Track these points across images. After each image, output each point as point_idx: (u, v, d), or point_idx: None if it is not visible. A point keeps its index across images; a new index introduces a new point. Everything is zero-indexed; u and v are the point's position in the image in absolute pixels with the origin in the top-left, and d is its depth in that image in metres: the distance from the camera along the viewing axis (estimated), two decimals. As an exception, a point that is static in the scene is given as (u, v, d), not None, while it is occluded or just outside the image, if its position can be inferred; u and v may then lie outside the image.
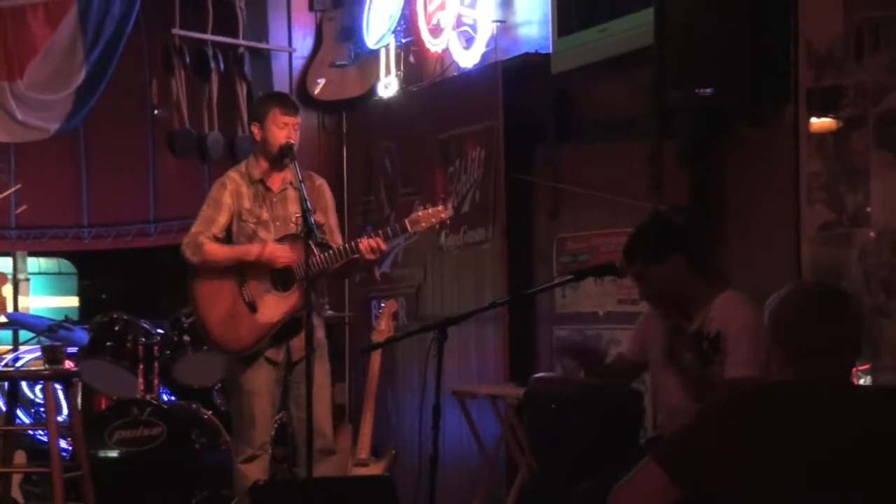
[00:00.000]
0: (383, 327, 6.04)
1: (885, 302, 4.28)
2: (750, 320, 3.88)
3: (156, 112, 8.34)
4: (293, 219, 5.14)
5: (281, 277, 5.16)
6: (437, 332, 3.96)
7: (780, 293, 2.87)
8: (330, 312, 6.78)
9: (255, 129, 5.24)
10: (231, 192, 5.22)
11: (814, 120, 4.69)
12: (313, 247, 4.91)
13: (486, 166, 6.85)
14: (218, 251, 5.16)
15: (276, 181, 5.23)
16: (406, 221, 5.09)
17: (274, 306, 5.13)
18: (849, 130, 4.51)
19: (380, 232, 5.11)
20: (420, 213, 5.10)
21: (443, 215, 5.13)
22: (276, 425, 6.53)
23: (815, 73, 4.65)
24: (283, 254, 5.09)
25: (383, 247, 5.02)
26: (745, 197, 5.24)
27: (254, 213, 5.20)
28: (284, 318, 5.11)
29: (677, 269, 4.07)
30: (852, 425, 2.65)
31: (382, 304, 6.24)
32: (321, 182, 5.37)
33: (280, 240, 5.15)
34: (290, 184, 5.18)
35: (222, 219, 5.22)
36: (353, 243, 5.01)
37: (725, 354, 3.94)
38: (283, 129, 5.16)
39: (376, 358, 6.07)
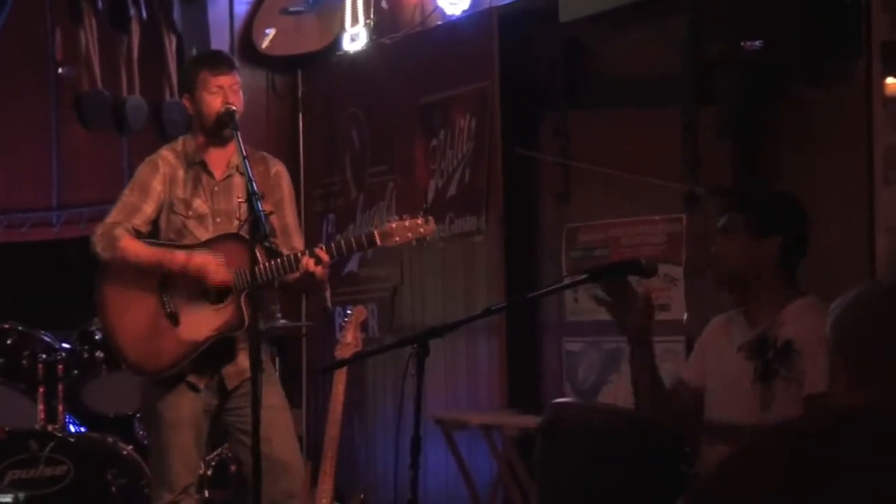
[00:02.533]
0: (350, 340, 6.02)
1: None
2: None
3: (60, 71, 8.31)
4: (238, 213, 5.12)
5: (215, 285, 5.15)
6: (416, 347, 3.95)
7: (848, 296, 2.86)
8: (282, 322, 6.77)
9: (187, 102, 5.23)
10: (164, 176, 5.18)
11: (891, 80, 4.71)
12: (258, 249, 4.87)
13: (477, 139, 6.86)
14: (137, 250, 5.12)
15: (218, 163, 5.20)
16: (376, 233, 5.07)
17: (202, 321, 5.10)
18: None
19: (343, 240, 5.08)
20: (394, 225, 5.10)
21: (422, 230, 5.12)
22: (213, 464, 6.55)
23: (893, 20, 4.67)
24: (215, 270, 5.06)
25: (325, 258, 5.01)
26: (804, 176, 5.27)
27: (188, 204, 5.17)
28: (213, 338, 5.08)
29: (771, 253, 4.13)
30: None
31: (349, 311, 6.22)
32: (279, 168, 5.33)
33: (214, 240, 5.13)
34: (237, 168, 5.16)
35: (148, 209, 5.18)
36: (293, 255, 4.99)
37: (799, 368, 3.98)
38: (218, 94, 5.14)
39: (341, 378, 6.05)
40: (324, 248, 5.00)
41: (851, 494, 2.53)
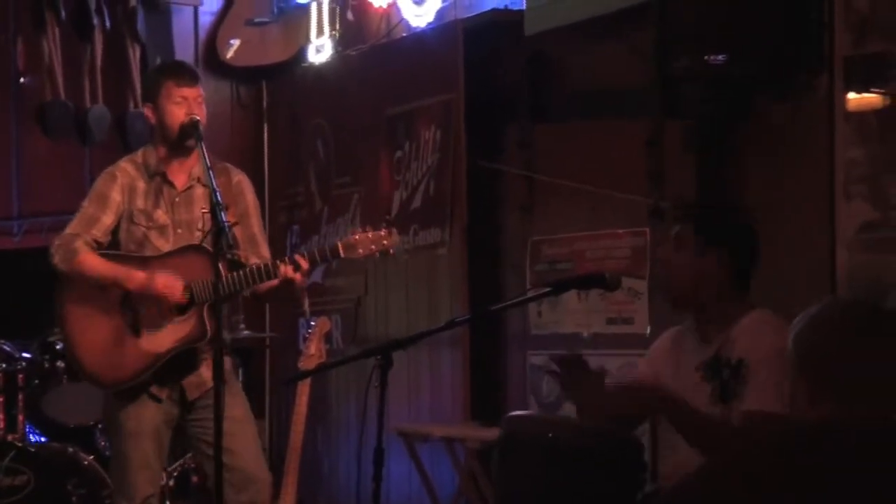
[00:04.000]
0: (313, 351, 6.01)
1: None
2: (780, 345, 3.92)
3: (22, 80, 8.27)
4: (199, 224, 5.11)
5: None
6: (379, 358, 3.95)
7: (809, 311, 2.88)
8: (246, 333, 6.77)
9: (149, 112, 5.22)
10: (122, 186, 5.18)
11: (853, 95, 4.75)
12: (221, 258, 4.86)
13: (442, 150, 6.87)
14: (94, 265, 5.12)
15: (179, 175, 5.19)
16: (339, 245, 5.07)
17: (163, 332, 5.09)
18: (896, 108, 4.58)
19: (306, 251, 5.08)
20: (357, 237, 5.09)
21: (385, 242, 5.12)
22: (175, 475, 6.53)
23: (854, 37, 4.71)
24: (174, 291, 5.05)
25: (305, 265, 5.02)
26: (767, 190, 5.30)
27: (148, 215, 5.16)
28: (174, 350, 5.07)
29: (719, 267, 4.13)
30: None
31: (312, 323, 6.22)
32: (240, 178, 5.32)
33: (175, 252, 5.12)
34: (199, 180, 5.15)
35: (107, 219, 5.17)
36: (270, 265, 4.98)
37: (746, 385, 3.99)
38: (182, 105, 5.13)
39: (304, 390, 6.04)
40: (305, 254, 5.00)
41: (836, 500, 2.55)
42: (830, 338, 2.84)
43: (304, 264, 4.97)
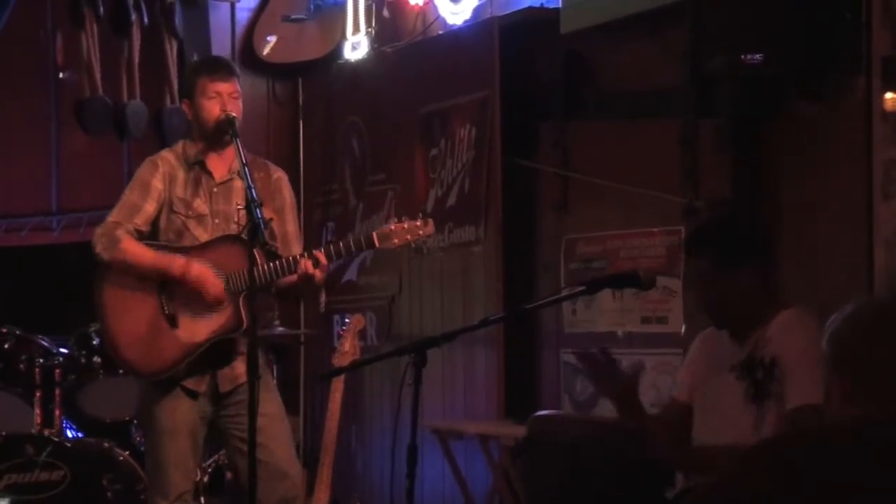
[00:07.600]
0: (347, 348, 6.03)
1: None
2: (814, 341, 3.91)
3: (61, 76, 8.33)
4: (236, 217, 5.14)
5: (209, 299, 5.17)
6: (413, 356, 3.97)
7: (845, 309, 2.87)
8: (280, 329, 6.79)
9: (186, 107, 5.26)
10: (164, 175, 5.21)
11: (890, 95, 4.72)
12: (257, 251, 4.88)
13: (477, 148, 6.87)
14: (137, 253, 5.14)
15: (219, 166, 5.22)
16: (374, 235, 5.07)
17: (200, 323, 5.12)
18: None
19: (341, 243, 5.10)
20: (393, 227, 5.10)
21: (421, 232, 5.13)
22: (209, 470, 6.56)
23: (893, 36, 4.68)
24: (212, 283, 5.07)
25: (324, 261, 5.02)
26: (803, 190, 5.28)
27: (188, 204, 5.19)
28: (211, 340, 5.10)
29: (749, 281, 4.11)
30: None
31: (347, 320, 6.24)
32: (280, 175, 5.35)
33: (212, 242, 5.15)
34: (238, 173, 5.18)
35: (149, 207, 5.20)
36: (292, 258, 5.00)
37: (782, 384, 3.97)
38: (216, 101, 5.15)
39: (338, 387, 6.07)
40: (322, 251, 5.01)
41: (871, 499, 2.54)
42: (865, 337, 2.83)
43: (324, 260, 4.98)
